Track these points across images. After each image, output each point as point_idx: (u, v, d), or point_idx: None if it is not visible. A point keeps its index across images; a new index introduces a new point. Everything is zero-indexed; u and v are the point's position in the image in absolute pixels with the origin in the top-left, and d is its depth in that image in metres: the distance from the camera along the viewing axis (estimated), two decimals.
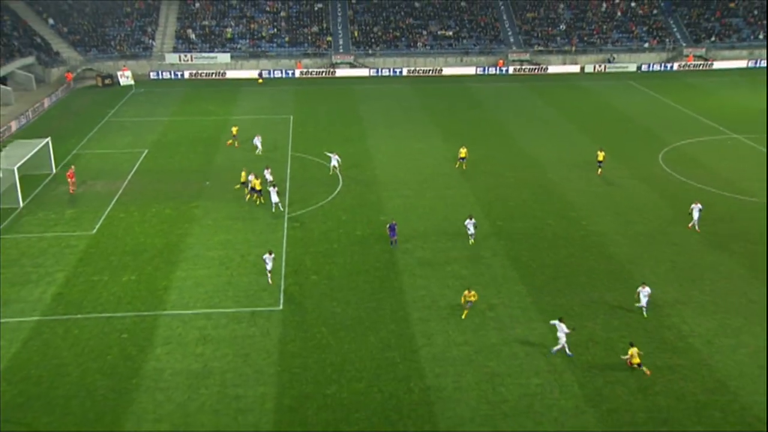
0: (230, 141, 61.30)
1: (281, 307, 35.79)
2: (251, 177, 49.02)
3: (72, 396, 29.39)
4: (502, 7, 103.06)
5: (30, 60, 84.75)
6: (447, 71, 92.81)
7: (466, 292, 35.21)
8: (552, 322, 32.90)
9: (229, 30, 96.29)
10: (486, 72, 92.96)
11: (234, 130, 62.04)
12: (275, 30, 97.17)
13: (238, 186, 50.38)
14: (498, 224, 45.47)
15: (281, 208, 47.11)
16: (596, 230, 44.71)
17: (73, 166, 52.84)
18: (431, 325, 34.38)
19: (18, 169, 48.65)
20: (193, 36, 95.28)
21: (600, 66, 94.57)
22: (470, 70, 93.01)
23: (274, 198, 46.89)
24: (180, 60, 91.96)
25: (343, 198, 49.66)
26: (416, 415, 28.42)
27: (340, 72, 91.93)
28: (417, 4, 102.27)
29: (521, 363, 31.56)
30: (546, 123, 69.00)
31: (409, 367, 31.21)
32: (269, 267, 38.00)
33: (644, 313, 35.20)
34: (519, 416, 28.40)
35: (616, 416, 28.46)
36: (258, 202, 48.31)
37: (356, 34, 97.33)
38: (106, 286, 37.87)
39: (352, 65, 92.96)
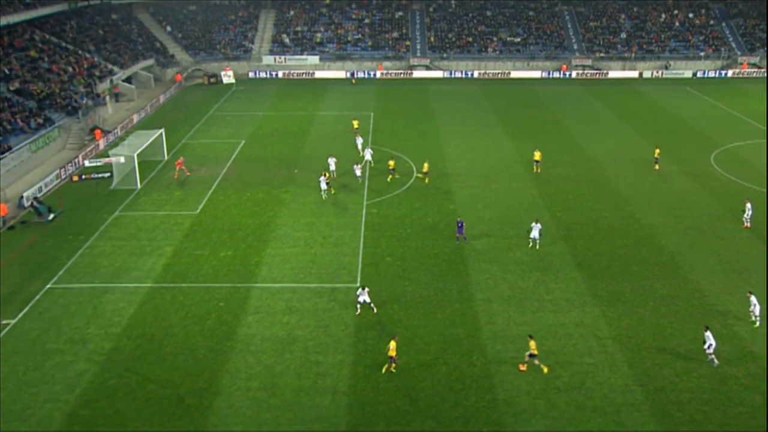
0: (357, 133, 60.12)
1: (358, 284, 35.91)
2: (331, 160, 50.55)
3: (178, 353, 30.32)
4: (567, 17, 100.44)
5: (150, 62, 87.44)
6: (514, 74, 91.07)
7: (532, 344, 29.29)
8: None
9: (319, 35, 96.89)
10: (550, 76, 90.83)
11: (355, 123, 62.02)
12: (360, 35, 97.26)
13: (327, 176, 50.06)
14: (558, 215, 44.50)
15: (324, 196, 46.84)
16: (648, 223, 43.25)
17: (182, 157, 53.91)
18: (493, 305, 33.96)
19: (137, 155, 50.25)
20: (287, 40, 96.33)
21: (657, 72, 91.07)
22: (536, 74, 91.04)
23: (323, 185, 46.87)
24: (275, 61, 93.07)
25: (416, 187, 49.47)
26: (478, 386, 28.16)
27: (417, 73, 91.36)
28: (488, 13, 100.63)
29: (575, 343, 30.86)
30: (604, 124, 67.00)
31: (472, 343, 30.93)
32: (361, 300, 33.24)
33: (757, 323, 32.20)
34: (571, 391, 27.81)
35: (662, 395, 27.57)
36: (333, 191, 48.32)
37: (432, 39, 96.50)
38: (206, 260, 38.82)
39: (427, 67, 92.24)
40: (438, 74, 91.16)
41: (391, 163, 50.87)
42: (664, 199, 47.17)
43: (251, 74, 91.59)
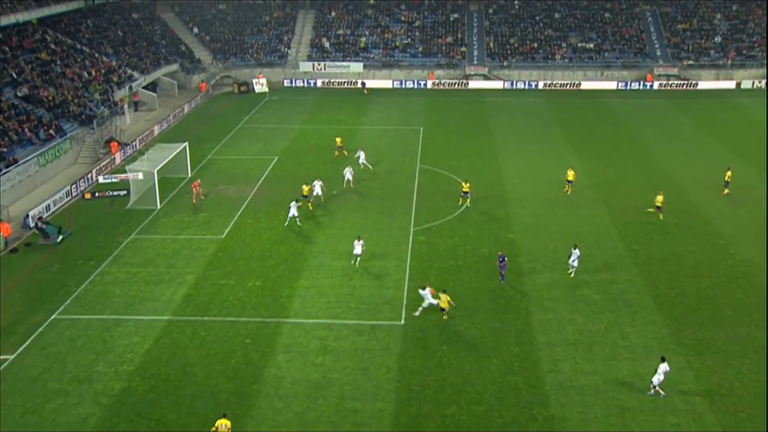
0: (337, 153, 61.86)
1: (403, 321, 36.00)
2: (317, 183, 51.15)
3: (197, 396, 30.73)
4: (650, 18, 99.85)
5: (174, 67, 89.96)
6: (585, 85, 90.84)
7: None
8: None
9: (363, 39, 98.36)
10: (628, 87, 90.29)
11: (338, 140, 62.95)
12: (409, 40, 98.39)
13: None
14: (634, 248, 44.00)
15: (297, 224, 47.64)
16: (745, 259, 42.42)
17: (198, 180, 54.29)
18: (558, 350, 33.64)
19: (157, 171, 51.35)
20: (327, 45, 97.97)
21: (760, 82, 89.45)
22: (611, 85, 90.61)
23: (293, 211, 47.53)
24: (313, 68, 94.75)
25: (471, 213, 49.52)
26: None
27: (473, 84, 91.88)
28: (557, 15, 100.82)
29: (655, 399, 30.32)
30: (691, 142, 66.17)
31: (532, 394, 30.66)
32: (357, 251, 41.53)
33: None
34: None
35: None
36: (310, 207, 49.96)
37: (491, 45, 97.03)
38: (232, 290, 39.40)
39: (485, 77, 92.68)
40: (497, 85, 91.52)
41: (466, 185, 50.76)
42: (764, 231, 46.21)
43: (286, 82, 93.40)
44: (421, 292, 36.28)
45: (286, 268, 41.87)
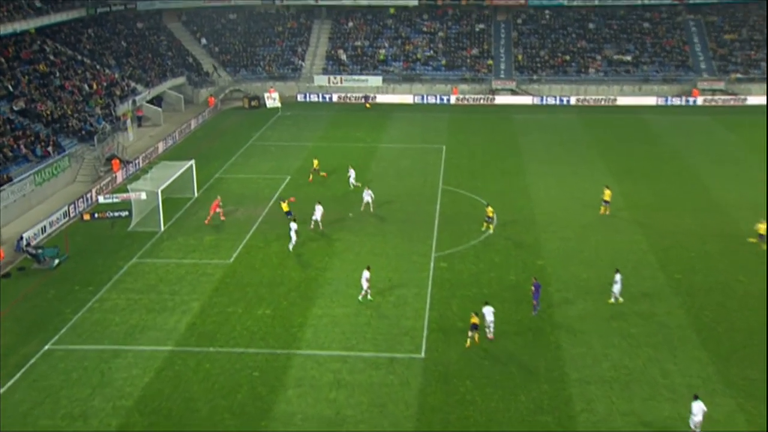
0: (312, 176, 61.90)
1: (423, 354, 35.92)
2: (318, 208, 51.17)
3: None
4: (694, 29, 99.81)
5: (181, 80, 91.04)
6: (622, 101, 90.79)
7: None
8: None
9: (383, 51, 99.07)
10: (668, 103, 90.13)
11: (315, 163, 62.89)
12: (432, 52, 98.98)
13: None
14: (675, 277, 43.72)
15: (290, 248, 47.97)
16: None
17: (219, 197, 54.68)
18: (591, 388, 33.39)
19: (161, 191, 51.66)
20: (344, 57, 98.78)
21: None
22: (650, 101, 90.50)
23: (293, 232, 47.81)
24: (329, 82, 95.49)
25: (497, 237, 49.48)
26: None
27: (500, 99, 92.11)
28: (591, 26, 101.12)
29: None
30: (740, 164, 65.82)
31: None
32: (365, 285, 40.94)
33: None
34: None
35: None
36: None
37: (520, 58, 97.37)
38: (239, 319, 39.51)
39: (513, 92, 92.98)
40: (526, 100, 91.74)
41: (490, 210, 50.92)
42: None
43: (300, 97, 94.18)
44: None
45: (298, 296, 41.97)
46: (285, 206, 51.61)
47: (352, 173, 59.85)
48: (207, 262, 46.49)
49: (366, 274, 40.94)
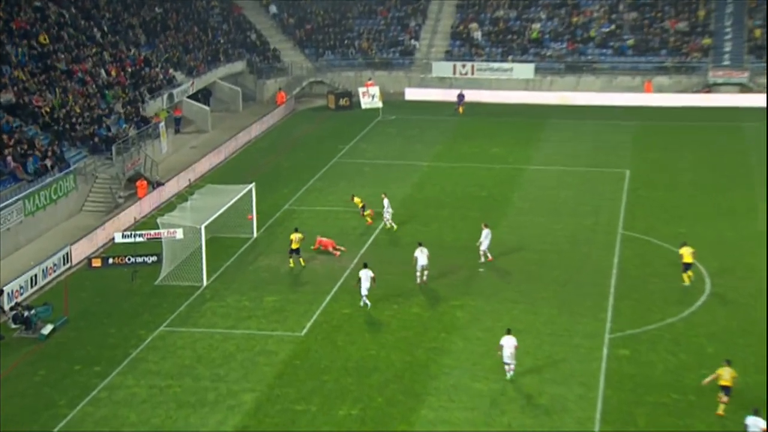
0: (369, 220, 61.47)
1: None
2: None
3: None
4: None
5: (239, 66, 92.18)
6: None
7: None
8: None
9: (537, 26, 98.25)
10: None
11: (357, 201, 62.06)
12: (613, 26, 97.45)
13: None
14: None
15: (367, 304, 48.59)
16: None
17: (319, 236, 55.94)
18: None
19: (205, 228, 51.92)
20: (478, 35, 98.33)
21: None
22: None
23: (364, 289, 48.35)
24: (454, 72, 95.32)
25: (710, 313, 47.91)
26: None
27: (721, 98, 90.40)
28: None
29: None
30: None
31: None
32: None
33: None
34: None
35: None
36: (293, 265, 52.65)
37: (758, 34, 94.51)
38: (312, 421, 38.71)
39: (743, 87, 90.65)
40: (763, 100, 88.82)
41: (687, 253, 50.41)
42: None
43: (411, 93, 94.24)
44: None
45: (400, 390, 41.13)
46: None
47: (387, 206, 59.10)
48: (268, 334, 46.34)
49: (510, 341, 40.32)
